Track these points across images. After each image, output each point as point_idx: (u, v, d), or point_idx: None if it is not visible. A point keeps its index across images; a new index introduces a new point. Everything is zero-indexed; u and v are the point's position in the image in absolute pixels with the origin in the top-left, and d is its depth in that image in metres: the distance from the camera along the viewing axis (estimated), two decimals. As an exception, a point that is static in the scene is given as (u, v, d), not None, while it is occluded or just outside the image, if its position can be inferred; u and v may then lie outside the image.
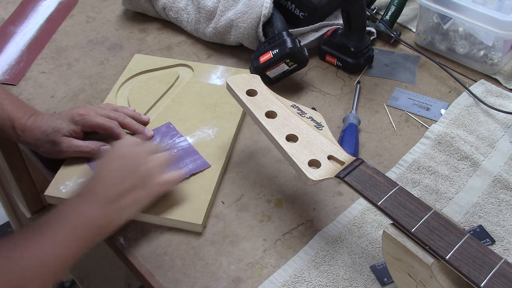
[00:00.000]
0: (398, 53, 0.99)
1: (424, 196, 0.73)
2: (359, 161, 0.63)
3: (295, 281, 0.64)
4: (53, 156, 0.75)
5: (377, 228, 0.69)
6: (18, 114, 0.75)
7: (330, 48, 0.94)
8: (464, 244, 0.53)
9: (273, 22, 0.91)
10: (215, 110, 0.84)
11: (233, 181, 0.76)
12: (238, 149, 0.81)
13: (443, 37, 0.96)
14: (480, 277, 0.50)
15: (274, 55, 0.85)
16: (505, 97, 0.88)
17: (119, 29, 1.05)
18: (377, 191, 0.59)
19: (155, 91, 0.88)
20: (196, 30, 1.00)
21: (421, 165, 0.77)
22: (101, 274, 1.30)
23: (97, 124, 0.75)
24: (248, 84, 0.72)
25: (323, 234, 0.69)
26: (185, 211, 0.69)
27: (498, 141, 0.81)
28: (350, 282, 0.64)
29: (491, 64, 0.92)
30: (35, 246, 0.55)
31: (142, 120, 0.81)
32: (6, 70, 0.96)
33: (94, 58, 0.98)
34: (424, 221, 0.55)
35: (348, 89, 0.91)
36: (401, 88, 0.91)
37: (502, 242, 0.67)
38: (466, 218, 0.71)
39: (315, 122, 0.68)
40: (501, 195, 0.73)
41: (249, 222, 0.71)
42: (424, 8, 0.95)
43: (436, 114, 0.86)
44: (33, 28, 1.06)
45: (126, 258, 0.68)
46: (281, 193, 0.74)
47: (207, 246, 0.68)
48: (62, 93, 0.91)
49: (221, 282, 0.64)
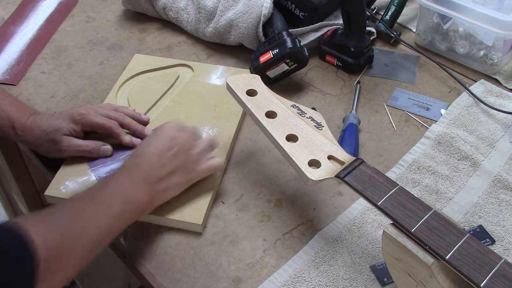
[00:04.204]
0: (398, 53, 0.99)
1: (424, 196, 0.73)
2: (359, 161, 0.63)
3: (295, 281, 0.64)
4: (53, 155, 0.75)
5: (377, 228, 0.69)
6: (18, 114, 0.75)
7: (330, 48, 0.94)
8: (464, 244, 0.53)
9: (273, 22, 0.91)
10: (215, 110, 0.84)
11: (233, 181, 0.76)
12: (238, 149, 0.81)
13: (443, 37, 0.96)
14: (480, 277, 0.50)
15: (274, 55, 0.85)
16: (505, 97, 0.88)
17: (119, 29, 1.05)
18: (377, 191, 0.59)
19: (155, 91, 0.88)
20: (196, 30, 1.00)
21: (421, 165, 0.77)
22: (101, 274, 1.29)
23: (97, 123, 0.75)
24: (248, 84, 0.72)
25: (323, 234, 0.69)
26: (185, 211, 0.69)
27: (498, 141, 0.81)
28: (350, 282, 0.64)
29: (491, 64, 0.92)
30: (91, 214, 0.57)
31: (142, 120, 0.81)
32: (6, 70, 0.96)
33: (94, 58, 0.98)
34: (424, 221, 0.55)
35: (348, 89, 0.91)
36: (401, 88, 0.91)
37: (502, 242, 0.67)
38: (466, 218, 0.71)
39: (315, 122, 0.68)
40: (501, 195, 0.73)
41: (249, 222, 0.71)
42: (424, 8, 0.95)
43: (436, 114, 0.86)
44: (33, 28, 1.06)
45: (126, 258, 0.68)
46: (281, 193, 0.74)
47: (207, 246, 0.68)
48: (62, 93, 0.91)
49: (221, 282, 0.64)
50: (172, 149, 0.66)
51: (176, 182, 0.66)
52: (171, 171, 0.65)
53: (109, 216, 0.58)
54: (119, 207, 0.59)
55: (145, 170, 0.63)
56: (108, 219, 0.58)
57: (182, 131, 0.68)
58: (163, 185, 0.64)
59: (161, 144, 0.66)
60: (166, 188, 0.65)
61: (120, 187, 0.61)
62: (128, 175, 0.63)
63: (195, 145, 0.69)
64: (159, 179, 0.64)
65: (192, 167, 0.68)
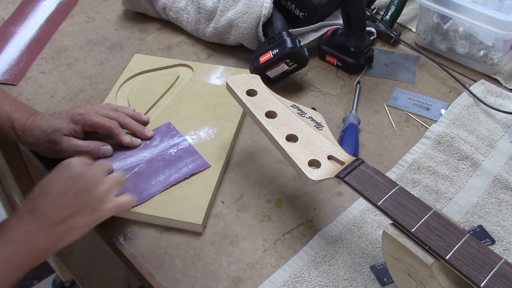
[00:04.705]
0: (398, 53, 0.99)
1: (424, 196, 0.73)
2: (359, 161, 0.63)
3: (295, 281, 0.64)
4: (53, 155, 0.75)
5: (377, 228, 0.69)
6: (18, 114, 0.75)
7: (330, 48, 0.94)
8: (464, 244, 0.53)
9: (273, 22, 0.91)
10: (215, 110, 0.84)
11: (233, 181, 0.76)
12: (238, 149, 0.81)
13: (443, 37, 0.96)
14: (480, 277, 0.50)
15: (274, 55, 0.85)
16: (505, 97, 0.88)
17: (119, 29, 1.05)
18: (377, 191, 0.59)
19: (155, 91, 0.88)
20: (196, 30, 1.00)
21: (421, 165, 0.77)
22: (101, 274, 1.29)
23: (97, 123, 0.75)
24: (248, 84, 0.72)
25: (323, 234, 0.69)
26: (185, 211, 0.69)
27: (498, 141, 0.81)
28: (350, 282, 0.64)
29: (491, 64, 0.92)
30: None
31: (142, 120, 0.81)
32: (6, 70, 0.96)
33: (94, 58, 0.98)
34: (424, 221, 0.55)
35: (348, 89, 0.91)
36: (401, 88, 0.91)
37: (502, 242, 0.67)
38: (466, 218, 0.71)
39: (315, 122, 0.68)
40: (501, 195, 0.73)
41: (249, 222, 0.71)
42: (424, 8, 0.95)
43: (436, 114, 0.86)
44: (33, 28, 1.06)
45: (126, 258, 0.68)
46: (281, 193, 0.74)
47: (207, 246, 0.68)
48: (62, 93, 0.91)
49: (221, 282, 0.64)
50: (73, 189, 0.60)
51: (79, 224, 0.60)
52: (71, 213, 0.59)
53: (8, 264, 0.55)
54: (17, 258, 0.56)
55: (42, 215, 0.58)
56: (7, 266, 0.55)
57: (88, 166, 0.63)
58: (63, 227, 0.59)
59: (61, 185, 0.60)
60: (68, 231, 0.59)
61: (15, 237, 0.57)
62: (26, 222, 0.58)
63: (101, 182, 0.63)
64: (59, 223, 0.58)
65: (96, 206, 0.62)
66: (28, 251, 0.57)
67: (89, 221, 0.61)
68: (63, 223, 0.59)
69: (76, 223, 0.60)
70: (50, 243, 0.58)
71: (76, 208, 0.60)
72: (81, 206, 0.60)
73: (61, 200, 0.59)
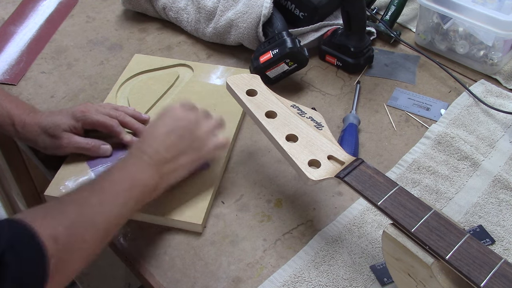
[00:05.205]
0: (398, 53, 0.99)
1: (424, 196, 0.73)
2: (359, 161, 0.63)
3: (295, 281, 0.64)
4: (52, 151, 0.75)
5: (377, 228, 0.69)
6: (18, 111, 0.75)
7: (330, 48, 0.94)
8: (464, 244, 0.53)
9: (273, 22, 0.91)
10: (215, 110, 0.84)
11: (233, 181, 0.76)
12: (238, 149, 0.81)
13: (443, 37, 0.96)
14: (480, 277, 0.50)
15: (274, 55, 0.85)
16: (505, 97, 0.88)
17: (119, 29, 1.05)
18: (377, 191, 0.59)
19: (155, 91, 0.88)
20: (196, 30, 1.00)
21: (421, 165, 0.77)
22: (101, 274, 1.29)
23: (97, 121, 0.75)
24: (248, 84, 0.72)
25: (323, 234, 0.69)
26: (185, 211, 0.69)
27: (498, 141, 0.81)
28: (350, 282, 0.64)
29: (491, 64, 0.92)
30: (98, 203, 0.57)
31: (142, 119, 0.81)
32: (6, 70, 0.96)
33: (94, 58, 0.98)
34: (424, 221, 0.55)
35: (348, 89, 0.91)
36: (401, 88, 0.91)
37: (502, 242, 0.67)
38: (466, 218, 0.71)
39: (315, 122, 0.68)
40: (501, 195, 0.73)
41: (249, 222, 0.71)
42: (424, 8, 0.95)
43: (436, 114, 0.86)
44: (33, 28, 1.06)
45: (126, 258, 0.68)
46: (281, 193, 0.74)
47: (207, 246, 0.68)
48: (62, 93, 0.91)
49: (221, 282, 0.64)
50: (177, 130, 0.66)
51: (183, 163, 0.66)
52: (177, 153, 0.65)
53: (116, 204, 0.58)
54: (125, 194, 0.59)
55: (150, 153, 0.63)
56: (116, 207, 0.58)
57: (189, 110, 0.68)
58: (170, 166, 0.64)
59: (165, 126, 0.66)
60: (173, 170, 0.65)
61: (125, 173, 0.61)
62: (133, 161, 0.63)
63: (202, 124, 0.68)
64: (165, 161, 0.64)
65: (199, 146, 0.67)
66: (136, 187, 0.60)
67: (192, 159, 0.67)
68: (170, 162, 0.64)
69: (180, 162, 0.65)
70: (156, 181, 0.63)
71: (181, 148, 0.65)
72: (185, 146, 0.66)
73: (167, 141, 0.64)
